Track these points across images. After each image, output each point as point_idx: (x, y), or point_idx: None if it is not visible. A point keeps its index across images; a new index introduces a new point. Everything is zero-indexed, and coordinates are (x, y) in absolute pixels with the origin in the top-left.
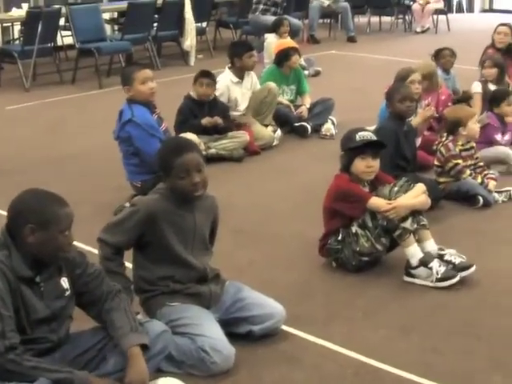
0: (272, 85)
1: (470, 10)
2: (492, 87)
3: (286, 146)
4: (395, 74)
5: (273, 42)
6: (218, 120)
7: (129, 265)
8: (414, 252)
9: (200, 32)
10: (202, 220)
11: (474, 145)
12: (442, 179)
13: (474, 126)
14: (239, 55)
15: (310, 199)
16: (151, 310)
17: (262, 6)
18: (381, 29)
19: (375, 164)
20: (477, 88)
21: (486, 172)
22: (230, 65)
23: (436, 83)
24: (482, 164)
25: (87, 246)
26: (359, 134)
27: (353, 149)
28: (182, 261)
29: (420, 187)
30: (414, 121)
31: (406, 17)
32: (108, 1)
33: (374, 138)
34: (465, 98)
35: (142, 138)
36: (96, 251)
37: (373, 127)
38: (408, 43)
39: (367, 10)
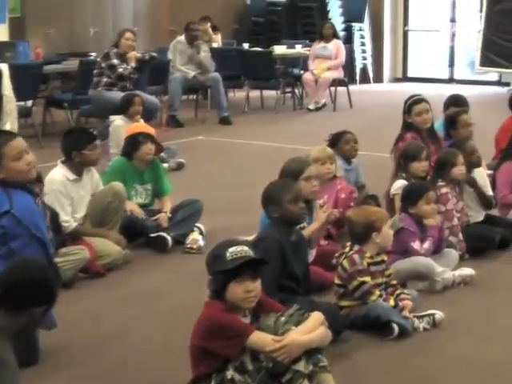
0: (118, 186)
1: (378, 79)
2: None
3: (140, 263)
4: (282, 165)
5: (121, 126)
6: None
7: None
8: None
9: (24, 113)
10: None
11: (386, 257)
12: (344, 302)
13: (388, 232)
14: (78, 147)
15: (173, 334)
16: None
17: (105, 80)
18: (263, 106)
19: (256, 287)
20: (398, 190)
21: (400, 292)
22: (64, 158)
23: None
24: (395, 282)
25: None
26: (230, 250)
27: (224, 272)
28: None
29: (316, 317)
30: (309, 228)
31: (296, 90)
32: None
33: (250, 253)
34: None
35: (22, 239)
36: None
37: (252, 237)
38: (298, 125)
39: (245, 82)
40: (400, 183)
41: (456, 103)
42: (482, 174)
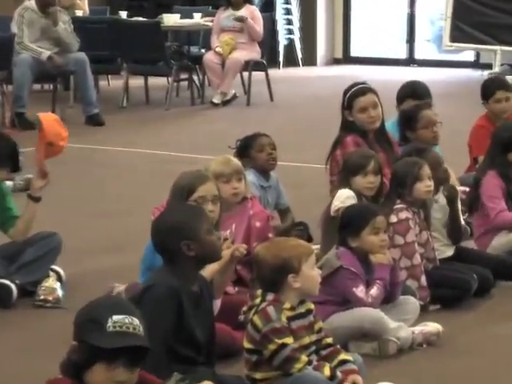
0: None
1: (310, 61)
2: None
3: None
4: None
5: None
6: None
7: None
8: None
9: None
10: None
11: (312, 306)
12: (259, 374)
13: (312, 273)
14: None
15: None
16: None
17: None
18: (148, 100)
19: (130, 380)
20: (346, 202)
21: (343, 358)
22: None
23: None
24: (330, 341)
25: None
26: (115, 318)
27: (98, 350)
28: None
29: None
30: (207, 270)
31: (194, 77)
32: None
33: (140, 331)
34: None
35: None
36: None
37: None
38: (198, 125)
39: (122, 66)
40: (346, 193)
41: (415, 94)
42: None
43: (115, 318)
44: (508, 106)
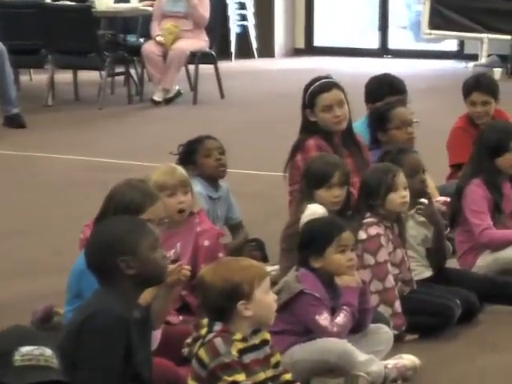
0: None
1: (266, 51)
2: None
3: None
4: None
5: None
6: None
7: None
8: None
9: None
10: None
11: (269, 336)
12: None
13: (266, 298)
14: None
15: None
16: None
17: None
18: (78, 97)
19: None
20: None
21: None
22: None
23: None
24: (289, 377)
25: None
26: (23, 350)
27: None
28: None
29: None
30: (143, 296)
31: (132, 71)
32: None
33: (53, 362)
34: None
35: None
36: None
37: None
38: (136, 127)
39: (47, 57)
40: (320, 210)
41: (393, 89)
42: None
43: (23, 350)
44: (484, 112)
